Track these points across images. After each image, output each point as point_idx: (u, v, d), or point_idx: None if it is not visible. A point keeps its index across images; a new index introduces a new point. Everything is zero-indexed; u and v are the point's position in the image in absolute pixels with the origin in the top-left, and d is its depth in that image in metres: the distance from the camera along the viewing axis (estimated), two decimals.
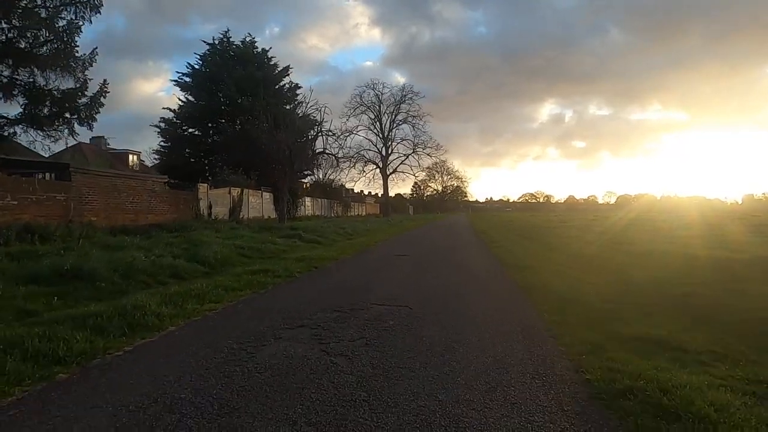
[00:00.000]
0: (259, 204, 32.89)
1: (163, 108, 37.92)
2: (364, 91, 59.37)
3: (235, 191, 29.61)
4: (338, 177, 59.52)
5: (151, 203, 22.27)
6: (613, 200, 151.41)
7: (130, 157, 54.09)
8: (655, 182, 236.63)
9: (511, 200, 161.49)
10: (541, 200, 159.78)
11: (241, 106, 35.06)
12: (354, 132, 57.79)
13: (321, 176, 58.77)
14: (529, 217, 59.88)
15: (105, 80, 19.00)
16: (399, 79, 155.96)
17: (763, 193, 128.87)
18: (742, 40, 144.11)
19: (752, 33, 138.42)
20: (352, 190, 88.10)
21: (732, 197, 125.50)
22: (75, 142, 58.81)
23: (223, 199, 28.49)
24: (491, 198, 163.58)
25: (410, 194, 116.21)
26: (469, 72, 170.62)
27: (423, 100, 70.89)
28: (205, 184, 26.95)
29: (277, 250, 14.19)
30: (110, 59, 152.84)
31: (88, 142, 59.75)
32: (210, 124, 37.42)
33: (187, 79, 37.62)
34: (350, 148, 58.04)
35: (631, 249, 13.88)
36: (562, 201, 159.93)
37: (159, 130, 36.97)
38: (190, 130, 38.37)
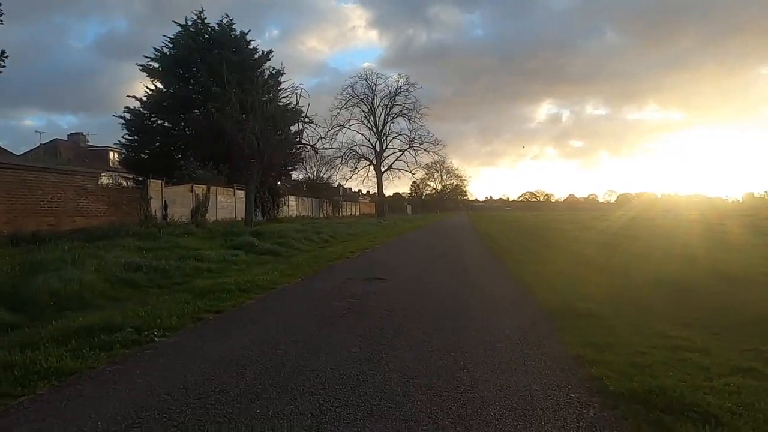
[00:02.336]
0: (230, 204, 28.31)
1: (128, 96, 32.97)
2: (356, 82, 54.40)
3: (200, 189, 24.99)
4: (328, 174, 54.98)
5: (80, 203, 17.67)
6: (613, 199, 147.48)
7: (111, 154, 49.48)
8: (655, 181, 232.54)
9: (511, 199, 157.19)
10: (542, 199, 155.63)
11: (214, 94, 30.31)
12: (346, 126, 52.94)
13: (310, 173, 54.21)
14: (533, 217, 55.28)
15: (3, 51, 14.43)
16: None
17: (765, 191, 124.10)
18: (737, 42, 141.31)
19: (747, 35, 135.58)
20: (350, 189, 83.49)
21: (732, 196, 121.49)
22: (51, 138, 54.38)
23: (184, 198, 23.87)
24: (491, 197, 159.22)
25: (409, 193, 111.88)
26: (467, 73, 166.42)
27: (421, 97, 65.40)
28: (159, 181, 22.32)
29: (196, 270, 9.55)
30: (112, 61, 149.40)
31: (65, 138, 55.48)
32: (181, 115, 32.74)
33: (155, 65, 32.95)
34: (342, 143, 53.37)
35: (716, 268, 9.22)
36: (562, 200, 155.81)
37: (124, 122, 32.23)
38: (160, 121, 33.69)
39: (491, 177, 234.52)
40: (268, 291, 7.61)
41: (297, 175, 54.08)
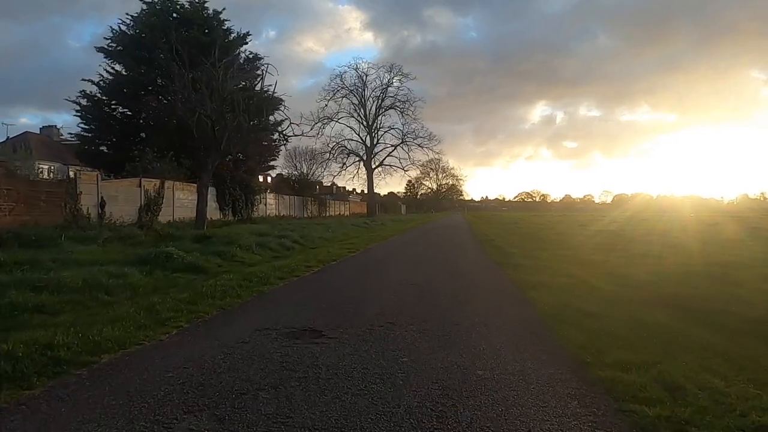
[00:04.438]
0: (192, 201, 24.12)
1: (83, 80, 28.75)
2: (345, 72, 50.17)
3: (151, 184, 20.91)
4: (319, 172, 50.88)
5: None
6: (609, 199, 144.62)
7: None
8: (650, 181, 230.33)
9: (507, 199, 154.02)
10: (537, 199, 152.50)
11: (173, 76, 26.19)
12: (334, 119, 48.65)
13: (298, 170, 50.14)
14: (533, 218, 51.37)
15: None
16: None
17: (762, 193, 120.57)
18: (729, 45, 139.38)
19: (739, 39, 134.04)
20: (344, 188, 79.23)
21: (727, 196, 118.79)
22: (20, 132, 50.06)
23: (129, 195, 19.77)
24: (486, 197, 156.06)
25: (404, 193, 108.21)
26: (461, 75, 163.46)
27: (415, 95, 59.90)
28: (95, 173, 18.28)
29: (8, 311, 5.53)
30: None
31: (37, 132, 51.11)
32: (143, 101, 28.62)
33: (115, 45, 28.88)
34: (330, 137, 49.17)
35: None
36: (558, 200, 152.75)
37: (79, 108, 28.05)
38: (121, 109, 29.61)
39: (486, 177, 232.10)
40: (56, 379, 3.58)
41: (281, 171, 50.06)
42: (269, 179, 48.80)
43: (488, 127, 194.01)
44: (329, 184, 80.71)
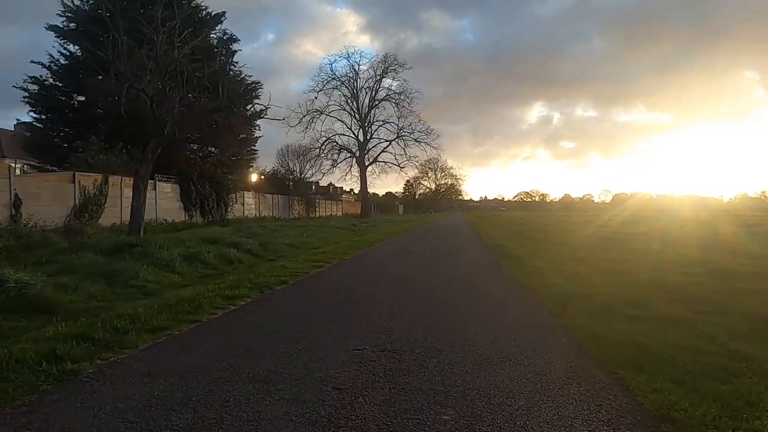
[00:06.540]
0: (148, 201, 20.25)
1: (32, 62, 24.73)
2: (336, 61, 46.41)
3: (90, 179, 17.05)
4: (312, 171, 47.00)
5: None
6: (609, 199, 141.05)
7: None
8: (649, 181, 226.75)
9: (506, 199, 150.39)
10: (537, 199, 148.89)
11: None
12: (325, 113, 44.75)
13: (289, 168, 46.29)
14: (537, 218, 47.53)
15: None
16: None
17: (762, 192, 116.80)
18: (720, 47, 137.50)
19: (729, 41, 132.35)
20: (341, 188, 75.32)
21: (726, 196, 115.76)
22: None
23: (59, 192, 15.88)
24: (485, 197, 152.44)
25: (402, 193, 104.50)
26: (458, 76, 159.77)
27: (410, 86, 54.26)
28: (6, 164, 14.44)
29: None
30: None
31: (11, 129, 47.09)
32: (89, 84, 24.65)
33: (67, 23, 25.01)
34: (320, 132, 45.28)
35: None
36: (557, 200, 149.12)
37: (27, 95, 24.13)
38: (77, 96, 25.71)
39: (484, 178, 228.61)
40: None
41: (265, 167, 46.16)
42: (262, 178, 44.95)
43: (485, 128, 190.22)
44: (326, 184, 76.82)
